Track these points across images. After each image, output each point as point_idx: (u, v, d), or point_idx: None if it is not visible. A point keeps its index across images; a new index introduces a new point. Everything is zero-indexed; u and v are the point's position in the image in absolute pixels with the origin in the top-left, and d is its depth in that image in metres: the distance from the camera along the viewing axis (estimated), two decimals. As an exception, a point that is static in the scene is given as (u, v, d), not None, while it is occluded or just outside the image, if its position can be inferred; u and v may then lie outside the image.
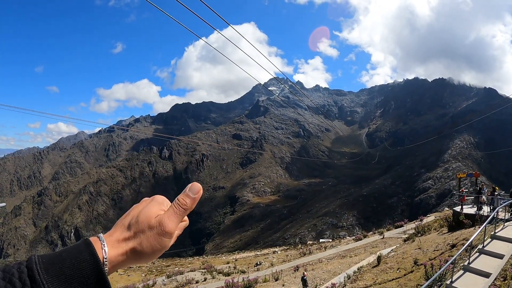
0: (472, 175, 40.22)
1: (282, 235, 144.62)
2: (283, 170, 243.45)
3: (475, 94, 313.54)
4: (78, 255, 0.94)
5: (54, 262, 0.91)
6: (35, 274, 0.86)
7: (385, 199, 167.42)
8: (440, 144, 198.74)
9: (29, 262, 0.90)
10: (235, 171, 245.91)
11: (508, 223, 18.64)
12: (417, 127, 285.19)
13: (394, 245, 30.97)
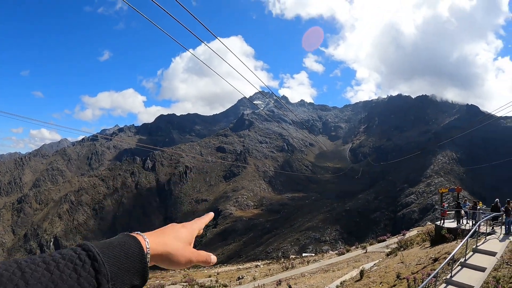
0: (454, 190, 40.57)
1: (265, 249, 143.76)
2: (267, 184, 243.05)
3: (458, 111, 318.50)
4: (126, 243, 1.04)
5: (106, 247, 0.99)
6: (95, 254, 0.93)
7: (368, 214, 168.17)
8: (423, 159, 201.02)
9: (84, 245, 0.97)
10: (218, 184, 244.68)
11: (490, 236, 18.79)
12: (401, 143, 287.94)
13: (377, 259, 30.97)
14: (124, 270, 0.99)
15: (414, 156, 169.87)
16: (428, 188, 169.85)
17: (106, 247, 0.99)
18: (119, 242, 1.04)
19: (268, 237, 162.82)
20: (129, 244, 1.04)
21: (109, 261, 0.96)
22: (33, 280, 0.79)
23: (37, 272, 0.81)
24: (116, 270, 0.96)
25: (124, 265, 0.99)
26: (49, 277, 0.82)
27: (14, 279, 0.77)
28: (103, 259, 0.94)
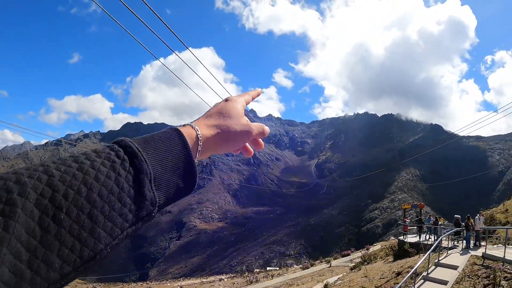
0: (417, 206, 41.46)
1: (229, 262, 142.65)
2: (232, 197, 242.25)
3: (422, 130, 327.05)
4: (169, 137, 0.90)
5: (147, 142, 0.86)
6: (135, 150, 0.79)
7: (333, 229, 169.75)
8: (387, 176, 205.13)
9: (121, 141, 0.82)
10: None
11: (451, 251, 19.19)
12: (366, 159, 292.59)
13: (341, 273, 31.16)
14: (169, 169, 0.85)
15: (378, 173, 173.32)
16: (391, 204, 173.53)
17: (147, 143, 0.85)
18: (160, 137, 0.89)
19: (232, 250, 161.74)
20: (172, 139, 0.90)
21: (151, 159, 0.81)
22: (62, 185, 0.66)
23: (67, 175, 0.68)
24: (159, 169, 0.83)
25: (168, 163, 0.85)
26: (81, 178, 0.69)
27: (39, 186, 0.64)
28: (144, 156, 0.79)
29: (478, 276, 13.51)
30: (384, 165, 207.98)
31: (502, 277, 12.11)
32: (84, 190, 0.67)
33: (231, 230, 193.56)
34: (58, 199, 0.63)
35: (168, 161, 0.85)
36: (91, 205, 0.66)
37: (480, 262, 15.17)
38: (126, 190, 0.73)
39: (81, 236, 0.64)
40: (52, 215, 0.62)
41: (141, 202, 0.75)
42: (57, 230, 0.61)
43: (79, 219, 0.64)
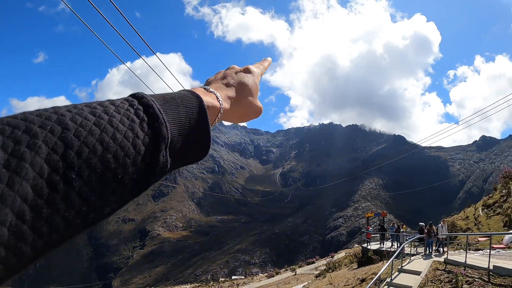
0: (380, 214, 42.29)
1: (194, 271, 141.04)
2: (196, 205, 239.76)
3: (385, 140, 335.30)
4: (189, 102, 0.82)
5: (167, 101, 0.78)
6: (156, 112, 0.71)
7: (297, 237, 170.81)
8: (351, 185, 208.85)
9: (142, 98, 0.73)
10: (146, 203, 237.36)
11: (414, 257, 19.57)
12: (330, 169, 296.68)
13: (306, 281, 31.30)
14: (185, 136, 0.78)
15: (342, 182, 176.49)
16: (355, 212, 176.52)
17: (167, 104, 0.77)
18: (181, 101, 0.81)
19: (197, 259, 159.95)
20: (193, 106, 0.82)
21: (170, 123, 0.74)
22: (76, 141, 0.59)
23: (83, 129, 0.60)
24: (175, 135, 0.75)
25: (186, 130, 0.78)
26: (98, 135, 0.61)
27: (52, 139, 0.56)
28: (165, 119, 0.72)
29: (441, 281, 13.82)
30: (348, 174, 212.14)
31: (464, 281, 12.44)
32: (99, 150, 0.60)
33: (195, 238, 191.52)
34: (70, 157, 0.57)
35: (186, 128, 0.78)
36: (103, 167, 0.60)
37: (442, 267, 15.52)
38: (141, 154, 0.66)
39: (89, 199, 0.58)
40: (62, 174, 0.55)
41: (154, 167, 0.70)
42: (66, 190, 0.55)
43: (90, 181, 0.58)
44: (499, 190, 32.64)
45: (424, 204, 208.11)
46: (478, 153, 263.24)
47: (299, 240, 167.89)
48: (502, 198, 30.48)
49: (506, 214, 26.39)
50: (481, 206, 32.89)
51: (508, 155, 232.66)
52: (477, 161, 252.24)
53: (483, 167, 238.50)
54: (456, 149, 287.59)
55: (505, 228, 24.76)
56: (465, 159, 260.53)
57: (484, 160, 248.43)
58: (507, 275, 11.90)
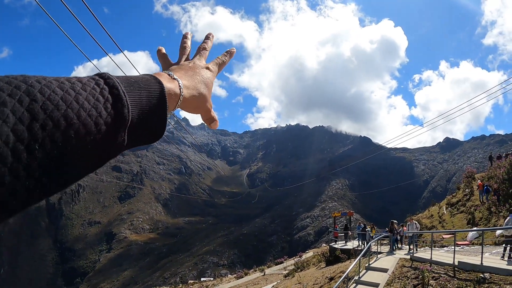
0: (346, 214, 42.80)
1: (162, 274, 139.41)
2: (163, 207, 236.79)
3: (351, 142, 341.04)
4: (150, 86, 0.86)
5: (130, 84, 0.81)
6: (120, 94, 0.75)
7: (266, 237, 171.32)
8: (318, 186, 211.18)
9: (108, 79, 0.76)
10: (112, 205, 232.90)
11: (381, 255, 19.85)
12: (297, 169, 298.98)
13: (275, 281, 31.33)
14: (143, 119, 0.82)
15: (309, 182, 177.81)
16: (322, 212, 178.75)
17: (130, 86, 0.81)
18: (144, 84, 0.85)
19: (165, 262, 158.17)
20: (154, 91, 0.85)
21: (131, 105, 0.77)
22: (41, 96, 0.62)
23: (48, 88, 0.64)
24: (135, 117, 0.79)
25: (144, 114, 0.82)
26: (61, 95, 0.65)
27: (20, 109, 0.59)
28: (128, 102, 0.76)
29: (408, 277, 14.08)
30: (315, 175, 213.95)
31: (431, 277, 12.71)
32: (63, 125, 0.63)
33: (163, 241, 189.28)
34: (36, 129, 0.59)
35: (145, 112, 0.82)
36: (65, 141, 0.62)
37: (409, 264, 15.81)
38: (102, 132, 0.69)
39: (49, 170, 0.61)
40: (26, 144, 0.58)
41: (111, 146, 0.73)
42: (29, 160, 0.58)
43: (51, 153, 0.61)
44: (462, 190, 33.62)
45: (390, 203, 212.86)
46: (442, 154, 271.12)
47: (267, 241, 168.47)
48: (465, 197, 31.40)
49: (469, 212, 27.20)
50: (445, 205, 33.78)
51: (470, 156, 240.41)
52: (441, 162, 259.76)
53: (446, 168, 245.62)
54: (421, 150, 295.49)
55: (468, 225, 25.52)
56: (429, 160, 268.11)
57: (448, 160, 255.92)
58: (472, 270, 12.22)
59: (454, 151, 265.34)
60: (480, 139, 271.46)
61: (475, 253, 15.44)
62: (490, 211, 25.30)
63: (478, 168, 40.24)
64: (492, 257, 14.40)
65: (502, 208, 24.20)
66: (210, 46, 1.41)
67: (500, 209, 24.56)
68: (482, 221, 25.04)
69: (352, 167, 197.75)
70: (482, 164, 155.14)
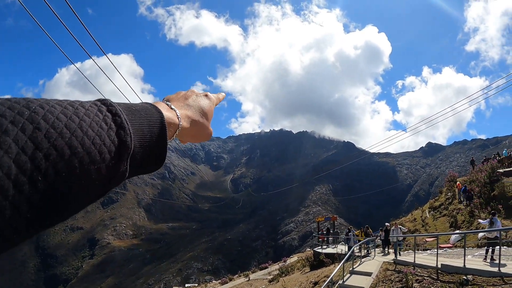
0: (330, 219, 43.01)
1: (146, 280, 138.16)
2: (146, 212, 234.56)
3: (335, 147, 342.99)
4: (151, 116, 0.84)
5: (131, 112, 0.80)
6: (123, 121, 0.73)
7: (250, 242, 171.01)
8: (302, 190, 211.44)
9: (111, 106, 0.74)
10: (95, 210, 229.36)
11: (365, 259, 19.95)
12: (281, 174, 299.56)
13: (259, 286, 31.27)
14: (145, 149, 0.80)
15: (293, 187, 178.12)
16: (307, 217, 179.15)
17: (132, 114, 0.79)
18: (145, 114, 0.83)
19: (149, 268, 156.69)
20: (155, 121, 0.84)
21: (133, 130, 0.76)
22: (44, 124, 0.59)
23: (52, 114, 0.61)
24: (137, 146, 0.77)
25: (146, 143, 0.80)
26: (65, 122, 0.62)
27: (22, 138, 0.56)
28: (131, 131, 0.74)
29: (392, 281, 14.16)
30: (298, 180, 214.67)
31: (414, 280, 12.79)
32: (67, 154, 0.61)
33: (146, 246, 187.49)
34: (39, 158, 0.57)
35: (147, 141, 0.80)
36: (69, 171, 0.60)
37: (392, 267, 15.91)
38: (106, 161, 0.67)
39: (52, 201, 0.59)
40: (29, 175, 0.55)
41: (114, 175, 0.71)
42: (31, 191, 0.55)
43: (55, 183, 0.58)
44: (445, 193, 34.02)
45: (373, 207, 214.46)
46: (424, 158, 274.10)
47: (251, 246, 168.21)
48: (447, 200, 31.80)
49: (451, 216, 27.52)
50: (428, 209, 34.14)
51: (452, 160, 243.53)
52: (423, 166, 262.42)
53: (429, 172, 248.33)
54: (404, 155, 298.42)
55: (451, 228, 25.81)
56: (412, 164, 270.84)
57: (430, 165, 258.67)
58: (455, 272, 12.34)
59: (436, 155, 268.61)
60: (462, 143, 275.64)
61: (457, 256, 15.61)
62: (472, 214, 25.66)
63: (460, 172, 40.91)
64: (475, 259, 14.58)
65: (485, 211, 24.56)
66: (216, 99, 1.37)
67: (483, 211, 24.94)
68: (464, 224, 25.35)
69: (336, 171, 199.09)
70: (464, 168, 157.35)
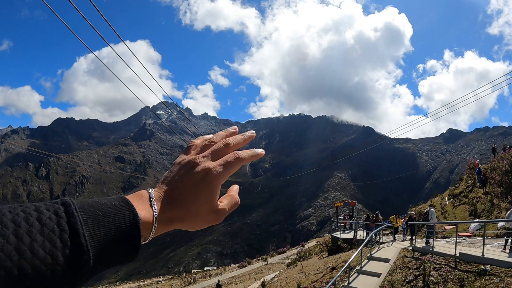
0: (349, 204, 42.86)
1: (166, 264, 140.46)
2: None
3: (354, 132, 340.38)
4: (122, 217, 0.78)
5: (99, 224, 0.74)
6: (77, 225, 0.68)
7: (268, 227, 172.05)
8: (321, 175, 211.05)
9: (73, 218, 0.69)
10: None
11: (383, 245, 19.94)
12: (299, 159, 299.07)
13: (277, 270, 31.52)
14: (113, 251, 0.75)
15: (312, 172, 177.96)
16: (325, 202, 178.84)
17: (92, 214, 0.74)
18: (114, 217, 0.77)
19: (168, 251, 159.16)
20: (126, 223, 0.78)
21: (92, 235, 0.71)
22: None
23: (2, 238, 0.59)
24: (102, 248, 0.72)
25: (114, 246, 0.75)
26: (15, 244, 0.60)
27: None
28: (90, 249, 0.68)
29: (409, 268, 14.17)
30: (317, 165, 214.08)
31: (432, 268, 12.79)
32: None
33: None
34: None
35: (114, 243, 0.75)
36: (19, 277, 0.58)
37: (410, 254, 15.89)
38: (59, 276, 0.63)
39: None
40: None
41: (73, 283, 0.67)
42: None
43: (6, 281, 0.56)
44: (465, 181, 33.51)
45: (392, 193, 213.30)
46: (445, 145, 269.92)
47: (269, 230, 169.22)
48: (467, 188, 31.35)
49: (471, 204, 27.19)
50: (448, 196, 33.74)
51: (474, 148, 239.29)
52: (444, 153, 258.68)
53: (449, 159, 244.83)
54: (424, 141, 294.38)
55: (470, 217, 25.50)
56: (432, 151, 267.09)
57: (451, 152, 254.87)
58: (473, 261, 12.29)
59: (457, 142, 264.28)
60: (484, 130, 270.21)
61: (476, 245, 15.48)
62: (492, 203, 25.30)
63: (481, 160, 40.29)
64: (494, 249, 14.46)
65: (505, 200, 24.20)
66: (238, 145, 1.14)
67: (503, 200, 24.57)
68: (484, 213, 25.03)
69: (355, 157, 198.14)
70: (485, 156, 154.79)
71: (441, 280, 11.94)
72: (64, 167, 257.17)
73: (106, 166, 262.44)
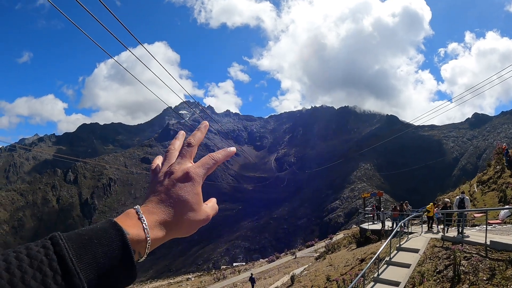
0: (376, 194, 42.50)
1: (195, 261, 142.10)
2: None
3: (378, 121, 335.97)
4: (110, 241, 0.79)
5: (86, 247, 0.75)
6: (68, 264, 0.70)
7: (295, 220, 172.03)
8: (346, 167, 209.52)
9: (58, 246, 0.71)
10: (143, 196, 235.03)
11: (412, 235, 19.75)
12: (324, 151, 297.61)
13: (306, 264, 31.56)
14: (106, 277, 0.76)
15: (337, 164, 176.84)
16: (352, 193, 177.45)
17: (84, 248, 0.75)
18: (101, 243, 0.78)
19: (197, 248, 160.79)
20: (115, 247, 0.79)
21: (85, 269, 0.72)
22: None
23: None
24: (94, 276, 0.73)
25: (106, 272, 0.76)
26: (4, 266, 0.64)
27: None
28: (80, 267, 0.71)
29: (439, 258, 14.02)
30: (342, 156, 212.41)
31: (462, 257, 12.63)
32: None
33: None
34: None
35: (106, 268, 0.76)
36: None
37: (440, 244, 15.71)
38: None
39: None
40: None
41: None
42: None
43: None
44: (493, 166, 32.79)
45: (419, 182, 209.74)
46: (471, 130, 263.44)
47: (297, 224, 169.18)
48: (496, 174, 30.66)
49: (500, 190, 26.60)
50: (476, 183, 33.08)
51: (500, 132, 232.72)
52: (470, 138, 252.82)
53: (476, 144, 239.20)
54: (449, 127, 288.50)
55: (500, 203, 24.96)
56: (458, 137, 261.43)
57: (477, 137, 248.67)
58: (504, 249, 12.07)
59: (483, 127, 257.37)
60: (510, 113, 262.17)
61: (507, 232, 15.22)
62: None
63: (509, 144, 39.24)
64: (526, 235, 14.20)
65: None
66: (200, 139, 1.20)
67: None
68: (514, 199, 24.50)
69: (379, 146, 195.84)
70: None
71: (472, 269, 11.76)
72: (92, 171, 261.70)
73: (132, 167, 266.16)
